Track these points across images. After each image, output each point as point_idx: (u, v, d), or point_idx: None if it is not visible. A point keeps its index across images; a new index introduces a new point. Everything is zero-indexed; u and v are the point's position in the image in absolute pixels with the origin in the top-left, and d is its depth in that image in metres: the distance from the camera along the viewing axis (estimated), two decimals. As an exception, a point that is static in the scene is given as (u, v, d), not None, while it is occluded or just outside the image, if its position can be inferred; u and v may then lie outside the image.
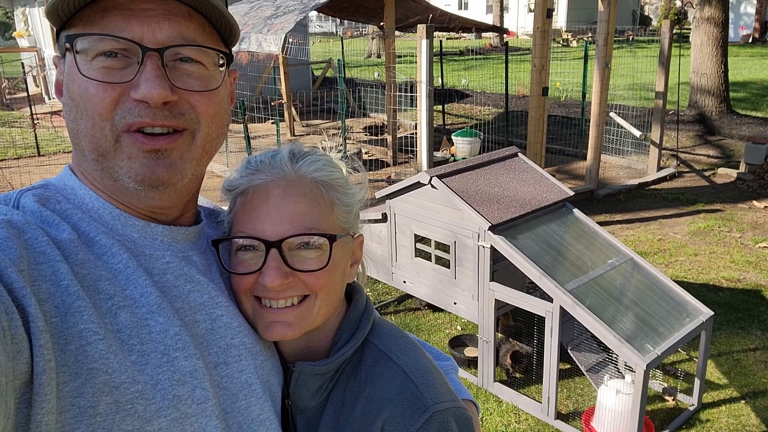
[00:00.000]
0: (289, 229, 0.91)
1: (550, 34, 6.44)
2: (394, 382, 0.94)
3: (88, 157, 0.83)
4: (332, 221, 0.96)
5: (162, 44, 0.80)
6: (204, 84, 0.85)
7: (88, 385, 0.70)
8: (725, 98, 10.52)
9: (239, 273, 0.94)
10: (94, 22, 0.79)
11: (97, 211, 0.85)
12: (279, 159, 0.97)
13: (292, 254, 0.92)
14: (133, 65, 0.80)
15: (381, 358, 0.98)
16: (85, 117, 0.80)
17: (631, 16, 35.58)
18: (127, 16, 0.79)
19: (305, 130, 11.79)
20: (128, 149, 0.81)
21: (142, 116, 0.79)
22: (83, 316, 0.72)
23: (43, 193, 0.84)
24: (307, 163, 0.97)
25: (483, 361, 3.71)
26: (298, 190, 0.94)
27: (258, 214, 0.92)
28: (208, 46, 0.85)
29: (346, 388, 0.98)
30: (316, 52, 21.04)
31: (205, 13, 0.85)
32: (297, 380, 0.98)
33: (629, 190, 7.91)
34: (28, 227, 0.75)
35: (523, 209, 3.56)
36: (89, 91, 0.79)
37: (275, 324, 0.93)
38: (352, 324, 1.03)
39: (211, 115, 0.86)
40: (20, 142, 10.68)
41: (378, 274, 4.27)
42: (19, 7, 16.44)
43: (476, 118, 12.54)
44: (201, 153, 0.87)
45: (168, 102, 0.80)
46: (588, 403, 3.62)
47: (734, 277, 5.32)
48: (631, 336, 3.04)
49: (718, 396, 3.68)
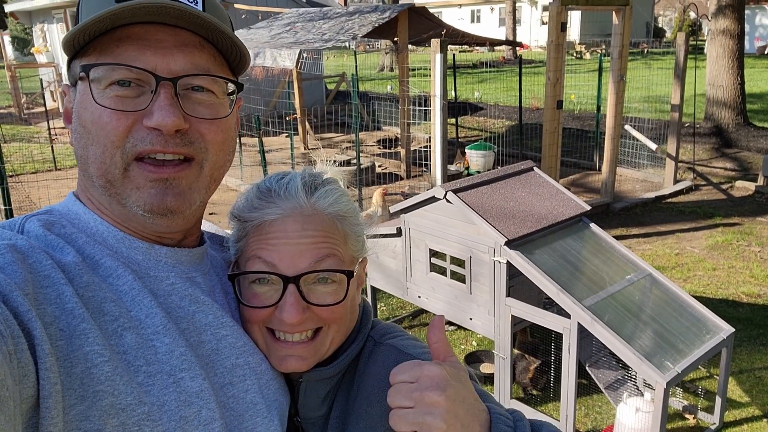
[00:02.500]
0: (307, 264, 0.92)
1: (564, 48, 6.43)
2: (389, 358, 0.97)
3: (95, 183, 0.84)
4: (346, 252, 0.97)
5: (175, 74, 0.81)
6: (214, 112, 0.86)
7: (94, 408, 0.69)
8: (742, 110, 10.43)
9: (255, 306, 0.94)
10: (108, 51, 0.81)
11: (102, 235, 0.86)
12: (293, 189, 0.96)
13: (308, 288, 0.93)
14: (146, 94, 0.81)
15: (375, 346, 1.02)
16: (96, 144, 0.81)
17: (644, 28, 35.50)
18: (141, 46, 0.80)
19: (318, 144, 11.84)
20: (136, 179, 0.82)
21: (153, 144, 0.81)
22: (88, 338, 0.72)
23: (47, 218, 0.85)
24: (323, 196, 0.96)
25: (499, 377, 3.67)
26: (315, 225, 0.94)
27: (275, 249, 0.92)
28: (220, 75, 0.87)
29: (349, 388, 1.00)
30: (329, 66, 21.18)
31: (215, 42, 0.86)
32: (306, 389, 0.98)
33: (645, 203, 7.84)
34: (32, 251, 0.76)
35: (540, 224, 3.53)
36: (102, 119, 0.80)
37: (289, 358, 0.94)
38: (354, 327, 1.05)
39: (219, 143, 0.87)
40: (38, 156, 10.81)
41: (392, 289, 4.25)
42: (37, 23, 16.72)
43: (490, 131, 12.53)
44: (209, 181, 0.88)
45: (180, 130, 0.82)
46: (607, 421, 3.56)
47: (754, 292, 5.23)
48: (650, 353, 2.99)
49: (740, 414, 3.61)
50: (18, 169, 9.94)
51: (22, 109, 15.44)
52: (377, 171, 9.48)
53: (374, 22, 8.27)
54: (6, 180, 4.58)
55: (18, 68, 16.43)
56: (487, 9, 38.92)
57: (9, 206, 4.67)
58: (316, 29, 9.08)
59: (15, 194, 7.70)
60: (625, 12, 6.88)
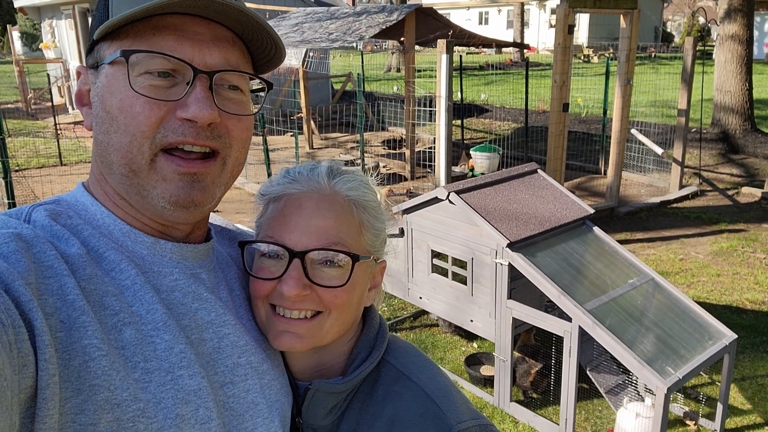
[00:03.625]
0: (315, 242, 0.92)
1: (571, 50, 6.41)
2: (415, 403, 0.94)
3: (115, 171, 0.83)
4: (359, 241, 0.97)
5: (211, 68, 0.82)
6: (241, 109, 0.87)
7: (89, 402, 0.69)
8: (749, 116, 10.38)
9: (260, 278, 0.94)
10: (144, 38, 0.80)
11: (108, 227, 0.86)
12: (317, 173, 0.98)
13: (314, 268, 0.93)
14: (180, 85, 0.81)
15: (399, 378, 0.98)
16: (123, 132, 0.80)
17: (653, 32, 35.39)
18: (179, 37, 0.80)
19: (324, 143, 11.84)
20: (163, 171, 0.81)
21: (185, 135, 0.80)
22: (87, 331, 0.72)
23: (54, 208, 0.84)
24: (343, 181, 0.98)
25: (499, 380, 3.65)
26: (330, 206, 0.95)
27: (287, 223, 0.94)
28: (251, 73, 0.88)
29: (362, 407, 0.98)
30: (336, 65, 21.18)
31: (246, 39, 0.87)
32: (313, 398, 0.97)
33: (650, 208, 7.80)
34: (37, 241, 0.75)
35: (542, 227, 3.51)
36: (135, 108, 0.79)
37: (285, 333, 0.93)
38: (368, 343, 1.03)
39: (243, 140, 0.88)
40: (44, 151, 10.85)
41: (394, 290, 4.24)
42: (46, 19, 16.78)
43: (495, 133, 12.50)
44: (229, 177, 0.89)
45: (212, 123, 0.82)
46: (606, 426, 3.54)
47: (758, 299, 5.20)
48: (651, 358, 2.97)
49: (741, 422, 3.58)
50: (24, 164, 9.98)
51: (30, 104, 15.49)
52: (381, 171, 9.47)
53: (382, 23, 8.26)
54: (9, 174, 4.59)
55: (26, 63, 16.50)
56: (494, 11, 38.88)
57: (12, 200, 4.68)
58: (323, 29, 9.09)
59: (20, 189, 7.72)
60: (633, 16, 6.86)
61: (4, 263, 0.68)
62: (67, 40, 15.09)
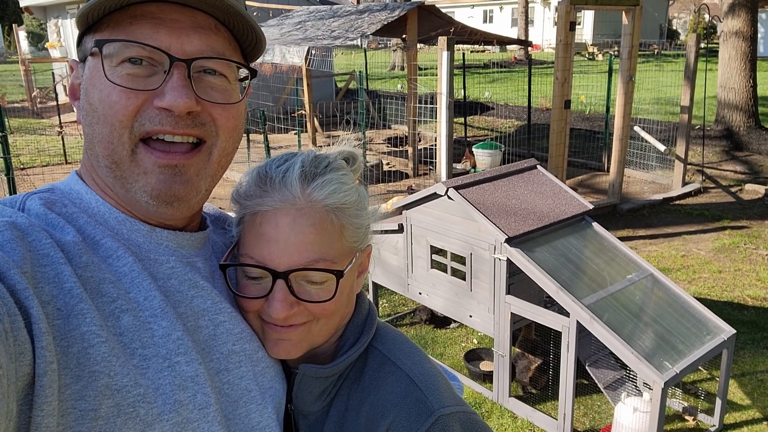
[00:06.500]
0: (297, 261, 0.91)
1: (572, 47, 6.40)
2: (398, 387, 0.95)
3: (101, 163, 0.83)
4: (341, 246, 0.95)
5: (190, 55, 0.80)
6: (226, 97, 0.86)
7: (89, 388, 0.69)
8: (753, 113, 10.33)
9: (246, 297, 0.94)
10: (121, 27, 0.80)
11: (103, 216, 0.86)
12: (290, 180, 0.92)
13: (299, 284, 0.93)
14: (158, 74, 0.80)
15: (385, 363, 0.99)
16: (103, 123, 0.80)
17: (658, 30, 35.25)
18: (155, 25, 0.79)
19: (327, 141, 11.85)
20: (144, 163, 0.81)
21: (163, 124, 0.79)
22: (86, 318, 0.72)
23: (49, 196, 0.84)
24: (319, 188, 0.93)
25: (498, 375, 3.66)
26: (307, 220, 0.91)
27: (266, 243, 0.91)
28: (234, 60, 0.86)
29: (350, 393, 0.98)
30: (339, 64, 21.17)
31: (231, 26, 0.85)
32: (300, 382, 0.98)
33: (653, 205, 7.79)
34: (32, 229, 0.75)
35: (541, 222, 3.51)
36: (111, 97, 0.79)
37: (281, 342, 0.95)
38: (356, 329, 1.03)
39: (230, 129, 0.87)
40: (49, 149, 10.89)
41: (394, 285, 4.25)
42: (52, 18, 16.84)
43: (498, 131, 12.49)
44: (216, 168, 0.88)
45: (191, 112, 0.81)
46: (605, 421, 3.54)
47: (760, 295, 5.19)
48: (649, 353, 2.97)
49: (740, 417, 3.58)
50: (29, 162, 10.02)
51: (35, 103, 15.56)
52: (384, 169, 9.48)
53: (384, 20, 8.27)
54: (12, 171, 4.62)
55: (32, 63, 16.57)
56: (498, 9, 38.79)
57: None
58: (326, 27, 9.10)
59: (24, 186, 7.76)
60: (635, 12, 6.84)
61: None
62: (72, 39, 15.15)
